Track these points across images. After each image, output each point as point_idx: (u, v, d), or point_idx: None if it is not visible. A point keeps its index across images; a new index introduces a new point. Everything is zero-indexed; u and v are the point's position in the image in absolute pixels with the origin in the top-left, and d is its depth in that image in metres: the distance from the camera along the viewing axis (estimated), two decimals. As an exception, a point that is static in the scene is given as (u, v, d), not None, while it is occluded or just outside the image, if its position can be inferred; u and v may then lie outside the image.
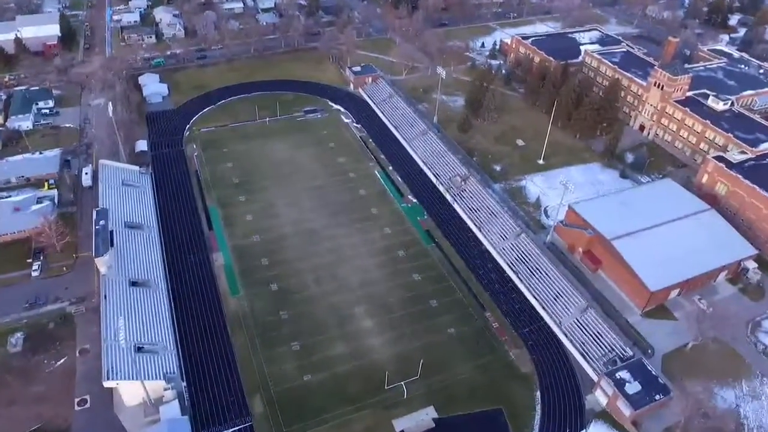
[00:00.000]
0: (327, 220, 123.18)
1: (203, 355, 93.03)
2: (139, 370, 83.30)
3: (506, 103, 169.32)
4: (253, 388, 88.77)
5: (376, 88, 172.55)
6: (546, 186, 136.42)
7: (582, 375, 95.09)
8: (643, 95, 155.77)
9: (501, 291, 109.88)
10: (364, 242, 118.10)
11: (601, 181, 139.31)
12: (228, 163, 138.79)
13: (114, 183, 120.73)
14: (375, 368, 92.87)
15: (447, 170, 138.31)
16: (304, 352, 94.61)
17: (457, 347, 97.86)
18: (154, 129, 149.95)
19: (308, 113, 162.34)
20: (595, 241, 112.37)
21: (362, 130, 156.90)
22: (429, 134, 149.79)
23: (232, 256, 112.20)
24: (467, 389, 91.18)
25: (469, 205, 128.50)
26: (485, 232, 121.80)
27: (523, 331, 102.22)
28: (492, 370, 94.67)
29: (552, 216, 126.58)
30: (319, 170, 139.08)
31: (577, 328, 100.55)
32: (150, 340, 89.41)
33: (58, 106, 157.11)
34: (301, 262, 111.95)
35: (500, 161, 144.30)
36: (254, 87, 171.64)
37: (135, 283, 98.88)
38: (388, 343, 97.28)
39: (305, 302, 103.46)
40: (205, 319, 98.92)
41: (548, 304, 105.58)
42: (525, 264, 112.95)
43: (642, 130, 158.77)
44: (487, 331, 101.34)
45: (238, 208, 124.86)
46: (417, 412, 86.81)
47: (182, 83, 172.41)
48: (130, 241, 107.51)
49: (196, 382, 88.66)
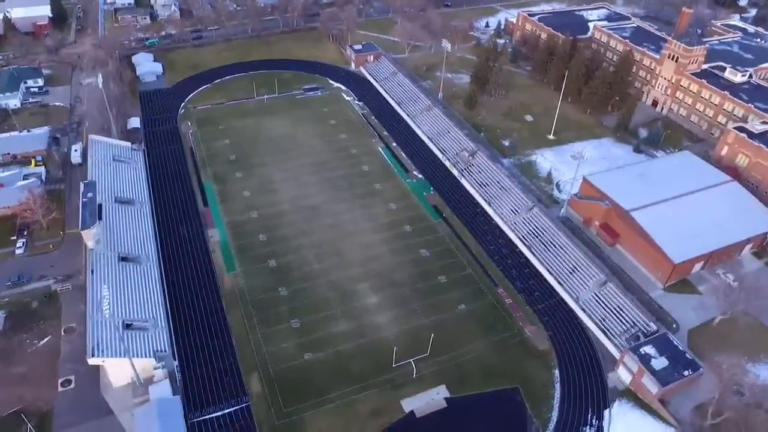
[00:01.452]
0: (328, 195, 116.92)
1: (197, 333, 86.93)
2: (128, 348, 77.07)
3: (513, 80, 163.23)
4: (251, 367, 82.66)
5: (378, 66, 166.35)
6: (557, 160, 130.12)
7: (603, 351, 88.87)
8: (656, 69, 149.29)
9: (513, 266, 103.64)
10: (368, 218, 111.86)
11: (615, 155, 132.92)
12: (224, 140, 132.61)
13: (104, 158, 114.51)
14: (381, 346, 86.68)
15: (453, 145, 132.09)
16: (305, 330, 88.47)
17: (468, 324, 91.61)
18: (147, 107, 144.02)
19: (308, 91, 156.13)
20: (612, 213, 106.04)
21: (364, 107, 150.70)
22: (434, 110, 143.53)
23: (228, 232, 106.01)
24: (480, 368, 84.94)
25: (478, 179, 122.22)
26: (495, 207, 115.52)
27: (538, 307, 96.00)
28: (506, 348, 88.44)
29: (565, 190, 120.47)
30: (319, 147, 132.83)
31: (596, 303, 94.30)
32: (140, 317, 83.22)
33: (48, 85, 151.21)
34: (300, 238, 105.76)
35: (509, 136, 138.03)
36: (252, 66, 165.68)
37: (125, 259, 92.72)
38: (394, 320, 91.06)
39: (305, 279, 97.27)
40: (199, 295, 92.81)
41: (564, 278, 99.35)
42: (538, 238, 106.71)
43: (654, 106, 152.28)
44: (500, 308, 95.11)
45: (235, 184, 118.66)
46: (427, 392, 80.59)
47: (177, 62, 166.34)
48: (120, 216, 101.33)
49: (189, 361, 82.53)
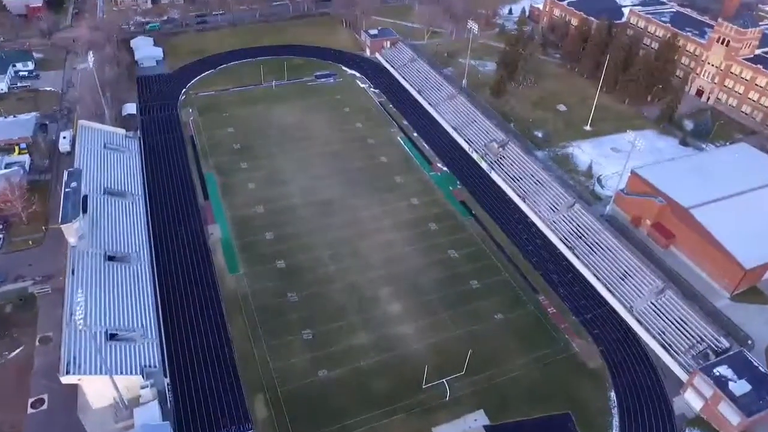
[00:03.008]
0: (343, 189, 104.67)
1: (193, 345, 74.83)
2: (110, 363, 65.09)
3: (541, 68, 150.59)
4: (255, 386, 70.46)
5: (395, 53, 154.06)
6: (596, 153, 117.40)
7: (664, 370, 76.26)
8: (702, 55, 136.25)
9: (554, 270, 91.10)
10: (388, 214, 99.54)
11: (660, 148, 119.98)
12: (228, 128, 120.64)
13: (94, 146, 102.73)
14: (407, 362, 74.38)
15: (481, 136, 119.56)
16: (319, 343, 76.24)
17: (507, 337, 79.12)
18: (145, 93, 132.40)
19: (320, 78, 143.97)
20: (667, 210, 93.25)
21: (381, 95, 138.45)
22: (458, 98, 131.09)
23: (231, 228, 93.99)
24: (524, 389, 72.44)
25: (510, 173, 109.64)
26: (531, 203, 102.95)
27: (585, 317, 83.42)
28: (552, 365, 75.88)
29: (608, 185, 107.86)
30: (333, 136, 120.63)
31: (653, 314, 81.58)
32: (126, 326, 71.17)
33: (39, 70, 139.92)
34: (313, 236, 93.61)
35: (542, 127, 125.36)
36: (259, 52, 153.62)
37: (112, 258, 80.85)
38: (421, 332, 78.67)
39: (319, 282, 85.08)
40: (196, 301, 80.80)
41: (614, 285, 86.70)
42: (582, 239, 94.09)
43: (699, 96, 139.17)
44: (543, 318, 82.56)
45: (239, 175, 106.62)
46: (463, 418, 68.15)
47: (179, 47, 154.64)
48: (110, 210, 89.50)
49: (183, 379, 70.46)
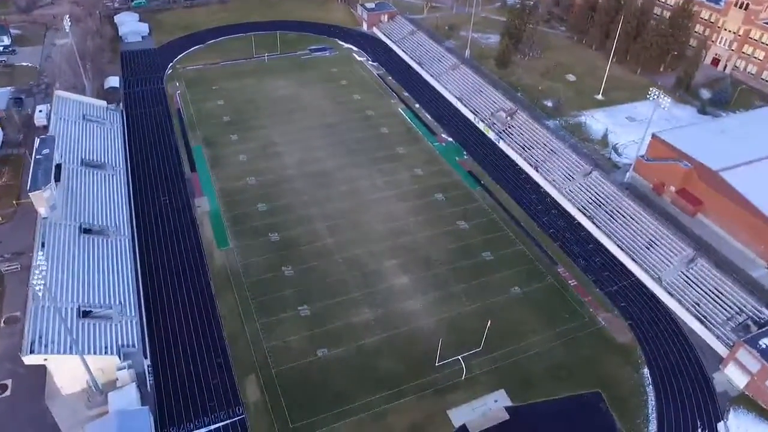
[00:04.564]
0: (341, 160, 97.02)
1: (177, 323, 67.10)
2: (82, 341, 57.44)
3: (547, 40, 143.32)
4: (247, 367, 62.81)
5: (394, 26, 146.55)
6: (611, 122, 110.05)
7: (700, 345, 68.96)
8: (718, 21, 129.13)
9: (573, 240, 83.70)
10: (391, 185, 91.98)
11: (677, 117, 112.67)
12: (218, 101, 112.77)
13: (72, 117, 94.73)
14: (417, 339, 66.83)
15: (488, 105, 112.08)
16: (317, 319, 68.61)
17: (526, 311, 71.62)
18: (129, 67, 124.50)
19: (315, 51, 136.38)
20: (693, 175, 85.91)
21: (379, 68, 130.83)
22: (461, 68, 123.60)
23: (220, 201, 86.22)
24: (547, 366, 64.98)
25: (520, 142, 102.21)
26: (544, 172, 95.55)
27: (610, 289, 76.02)
28: (577, 341, 68.43)
29: (625, 153, 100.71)
30: (329, 108, 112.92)
31: (685, 285, 74.27)
32: (102, 303, 63.50)
33: (17, 45, 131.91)
34: (309, 207, 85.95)
35: (551, 96, 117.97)
36: (250, 28, 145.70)
37: (88, 231, 72.95)
38: (432, 307, 71.10)
39: (316, 255, 77.42)
40: (182, 277, 73.04)
41: (639, 255, 79.35)
42: (602, 207, 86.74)
43: (715, 65, 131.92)
44: (564, 291, 75.09)
45: (229, 147, 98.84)
46: (482, 399, 60.61)
47: (166, 23, 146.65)
48: (87, 181, 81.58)
49: (166, 360, 62.74)
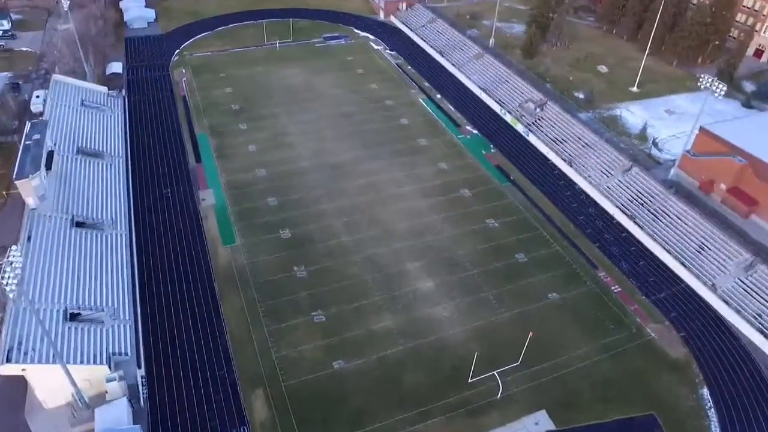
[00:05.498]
0: (359, 152, 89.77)
1: (176, 329, 60.07)
2: (67, 348, 50.56)
3: (575, 31, 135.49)
4: (253, 380, 55.62)
5: (412, 14, 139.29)
6: (649, 115, 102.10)
7: (766, 362, 61.07)
8: (763, 9, 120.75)
9: (613, 242, 75.92)
10: (412, 179, 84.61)
11: (720, 111, 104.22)
12: (226, 89, 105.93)
13: (70, 103, 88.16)
14: (445, 350, 59.40)
15: (515, 96, 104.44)
16: (332, 327, 61.35)
17: (566, 320, 64.00)
18: (134, 52, 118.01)
19: (329, 39, 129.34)
20: (748, 172, 77.88)
21: (398, 56, 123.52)
22: (486, 57, 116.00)
23: (227, 194, 79.20)
24: (593, 383, 57.36)
25: (551, 135, 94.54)
26: (578, 168, 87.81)
27: (657, 296, 68.21)
28: (625, 355, 60.72)
29: (666, 149, 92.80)
30: (345, 97, 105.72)
31: (744, 294, 66.35)
32: (93, 304, 56.65)
33: (17, 30, 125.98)
34: (324, 202, 78.76)
35: (582, 88, 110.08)
36: (261, 15, 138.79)
37: (81, 224, 66.14)
38: (461, 314, 63.62)
39: (332, 255, 70.16)
40: (183, 276, 66.03)
41: (689, 259, 71.46)
42: (644, 206, 78.87)
43: (759, 56, 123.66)
44: (607, 298, 67.38)
45: (237, 137, 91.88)
46: (521, 421, 53.06)
47: (174, 9, 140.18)
48: (82, 171, 74.91)
49: (162, 371, 55.71)
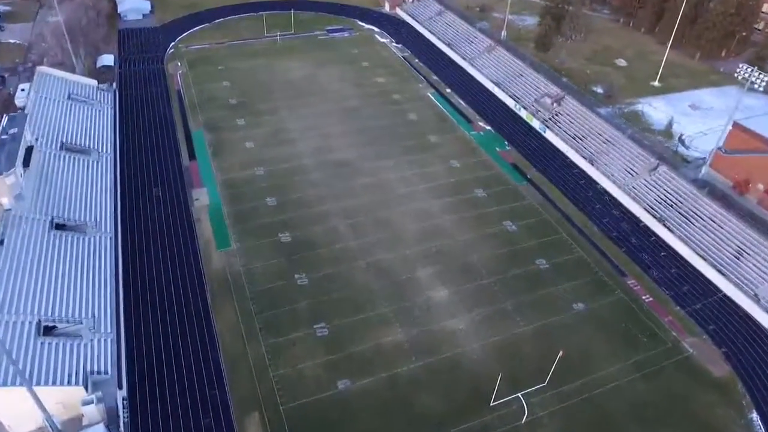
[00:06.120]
0: (364, 149, 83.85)
1: (163, 344, 54.14)
2: (36, 367, 44.66)
3: (589, 23, 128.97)
4: (248, 402, 49.63)
5: (419, 6, 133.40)
6: (673, 111, 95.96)
7: (819, 383, 54.99)
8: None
9: (642, 247, 69.82)
10: (423, 178, 78.64)
11: (749, 106, 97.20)
12: (223, 82, 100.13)
13: (55, 95, 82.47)
14: (463, 368, 53.40)
15: (530, 91, 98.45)
16: (337, 341, 55.39)
17: (594, 334, 57.94)
18: (127, 45, 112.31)
19: (333, 32, 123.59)
20: (788, 170, 71.86)
21: (404, 49, 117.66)
22: (498, 50, 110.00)
23: (222, 193, 73.33)
24: (629, 405, 51.27)
25: (569, 132, 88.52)
26: (600, 166, 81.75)
27: (693, 307, 62.13)
28: (661, 373, 54.65)
29: (693, 146, 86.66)
30: (349, 91, 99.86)
31: (789, 304, 60.31)
32: (70, 316, 50.79)
33: (5, 22, 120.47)
34: (327, 202, 72.83)
35: (600, 82, 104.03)
36: (261, 7, 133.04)
37: (61, 226, 60.29)
38: (479, 327, 57.59)
39: (336, 260, 64.21)
40: (172, 284, 60.13)
41: (726, 266, 65.35)
42: (674, 208, 72.76)
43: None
44: (638, 308, 61.32)
45: (235, 132, 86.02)
46: (550, 451, 47.30)
47: (170, 2, 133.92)
48: (65, 168, 69.08)
49: (145, 391, 49.75)
